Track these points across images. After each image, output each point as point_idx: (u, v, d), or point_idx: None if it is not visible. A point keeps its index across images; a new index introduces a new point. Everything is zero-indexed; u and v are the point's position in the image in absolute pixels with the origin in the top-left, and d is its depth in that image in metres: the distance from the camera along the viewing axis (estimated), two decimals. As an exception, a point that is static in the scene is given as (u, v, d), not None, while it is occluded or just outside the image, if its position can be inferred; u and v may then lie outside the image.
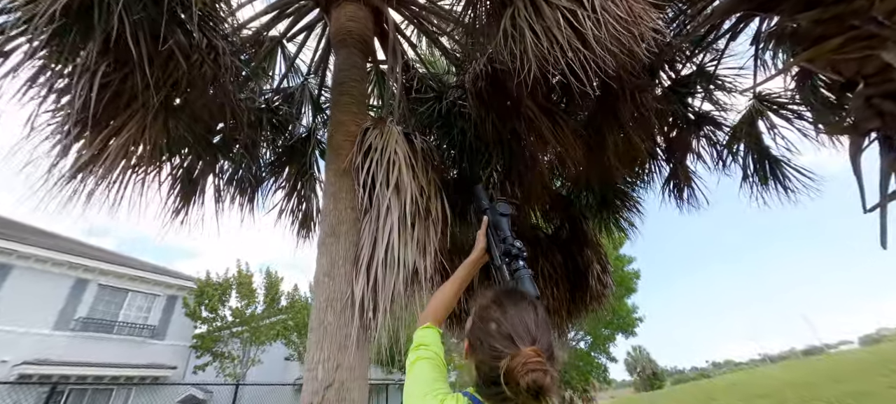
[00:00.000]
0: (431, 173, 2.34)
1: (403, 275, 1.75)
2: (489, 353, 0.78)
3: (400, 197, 1.86)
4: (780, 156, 4.41)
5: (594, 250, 5.50)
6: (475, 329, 0.85)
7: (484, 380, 0.80)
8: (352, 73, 2.57)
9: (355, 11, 2.84)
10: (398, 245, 1.77)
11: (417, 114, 4.00)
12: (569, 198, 5.37)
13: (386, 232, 1.81)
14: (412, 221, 1.91)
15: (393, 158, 1.97)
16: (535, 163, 3.87)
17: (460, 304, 5.78)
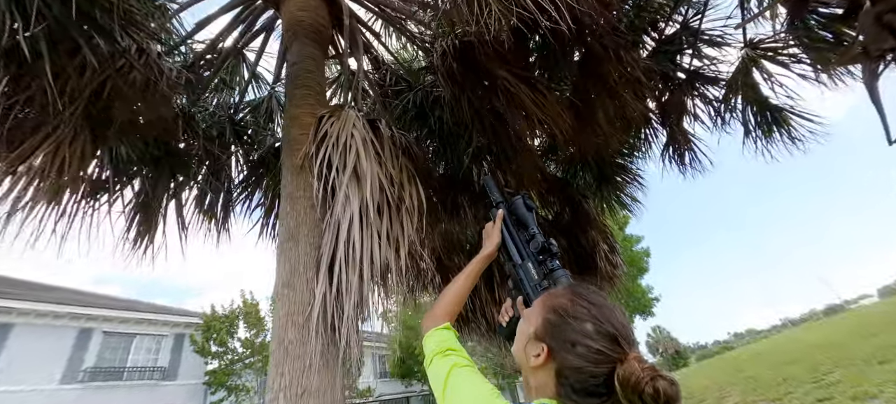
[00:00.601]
0: (403, 160, 2.10)
1: (369, 273, 1.50)
2: (590, 358, 0.68)
3: (360, 185, 1.62)
4: (782, 104, 4.15)
5: (598, 230, 5.23)
6: (558, 330, 0.74)
7: (577, 390, 0.69)
8: (306, 65, 2.34)
9: (306, 1, 2.62)
10: (362, 239, 1.53)
11: (391, 108, 3.77)
12: (565, 179, 5.12)
13: (346, 225, 1.56)
14: (378, 212, 1.66)
15: (349, 143, 1.73)
16: (522, 143, 3.62)
17: (465, 305, 5.53)
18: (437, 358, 0.90)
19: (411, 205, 1.90)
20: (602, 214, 5.64)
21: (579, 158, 4.57)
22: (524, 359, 0.78)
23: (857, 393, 6.65)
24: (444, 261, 5.29)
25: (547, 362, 0.73)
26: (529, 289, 1.01)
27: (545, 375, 0.73)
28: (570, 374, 0.70)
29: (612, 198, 5.42)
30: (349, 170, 1.65)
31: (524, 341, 0.80)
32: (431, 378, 0.88)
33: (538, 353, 0.75)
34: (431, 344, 0.97)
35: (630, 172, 5.22)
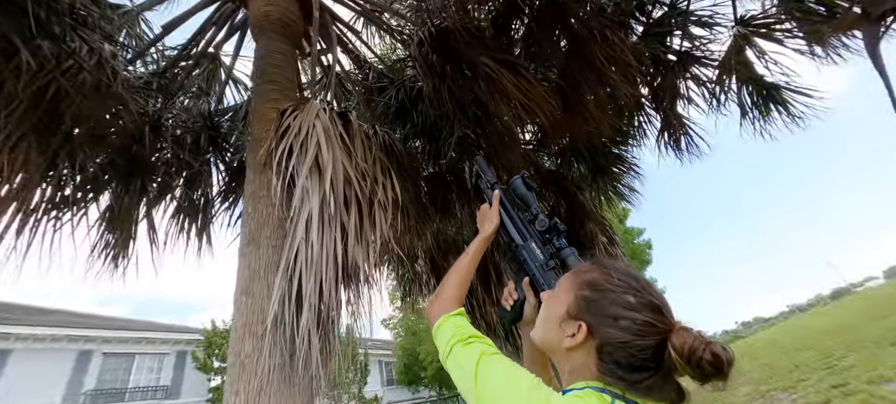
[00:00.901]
0: (377, 153, 1.96)
1: (333, 274, 1.36)
2: (636, 330, 0.65)
3: (321, 178, 1.48)
4: (778, 82, 4.01)
5: (596, 222, 5.09)
6: (596, 305, 0.70)
7: (624, 365, 0.65)
8: (273, 59, 2.22)
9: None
10: (322, 238, 1.38)
11: (374, 106, 3.64)
12: (559, 171, 4.98)
13: (303, 224, 1.42)
14: (346, 207, 1.52)
15: (310, 134, 1.59)
16: (511, 136, 3.49)
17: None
18: (459, 347, 0.78)
19: (385, 200, 1.75)
20: (599, 207, 5.50)
21: (571, 148, 4.43)
22: (555, 342, 0.73)
23: (872, 378, 6.47)
24: (439, 263, 5.15)
25: (586, 340, 0.68)
26: (535, 269, 0.96)
27: (583, 355, 0.69)
28: (615, 350, 0.65)
29: (609, 188, 5.28)
30: (308, 163, 1.50)
31: (554, 323, 0.74)
32: (454, 370, 0.76)
33: (574, 333, 0.70)
34: (446, 332, 0.84)
35: (626, 162, 5.09)
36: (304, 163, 1.51)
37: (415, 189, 3.61)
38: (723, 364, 0.59)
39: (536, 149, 5.02)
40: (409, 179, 3.55)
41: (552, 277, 0.93)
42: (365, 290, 1.61)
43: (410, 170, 3.55)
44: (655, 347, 0.63)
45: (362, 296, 1.58)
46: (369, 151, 1.92)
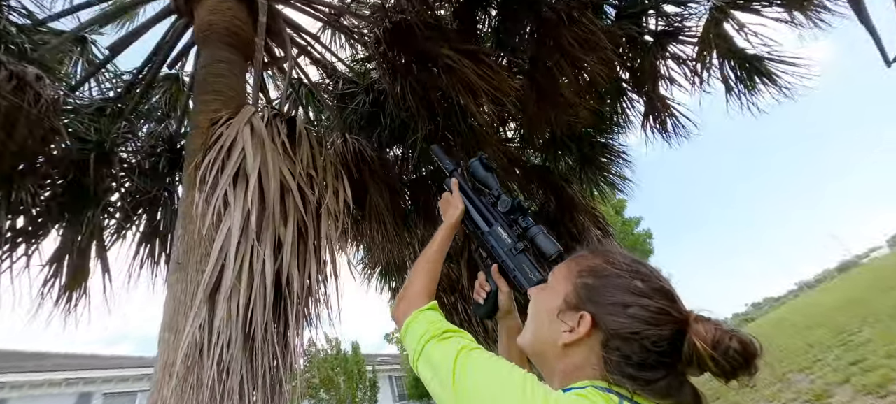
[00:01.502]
0: (327, 156, 1.80)
1: (262, 294, 1.18)
2: (649, 318, 0.55)
3: (247, 190, 1.31)
4: (761, 54, 3.88)
5: (587, 214, 4.93)
6: (600, 293, 0.61)
7: (636, 362, 0.55)
8: (215, 69, 2.07)
9: (217, 4, 2.36)
10: (247, 255, 1.21)
11: (345, 115, 3.50)
12: (544, 166, 4.82)
13: (220, 241, 1.25)
14: (283, 218, 1.35)
15: (237, 141, 1.43)
16: (488, 132, 3.34)
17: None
18: (433, 343, 0.66)
19: (336, 208, 1.59)
20: (591, 199, 5.34)
21: (554, 141, 4.27)
22: (549, 339, 0.64)
23: (890, 352, 6.24)
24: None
25: (589, 334, 0.59)
26: (504, 254, 0.88)
27: (585, 351, 0.59)
28: (624, 343, 0.56)
29: (599, 178, 5.12)
30: (229, 172, 1.34)
31: (548, 316, 0.65)
32: (425, 370, 0.65)
33: (573, 326, 0.60)
34: (417, 330, 0.72)
35: (613, 150, 4.93)
36: (223, 175, 1.35)
37: (392, 196, 3.45)
38: (752, 354, 0.52)
39: (520, 146, 4.88)
40: (384, 187, 3.40)
41: (523, 260, 0.86)
42: (315, 306, 1.44)
43: (385, 176, 3.40)
44: (671, 338, 0.55)
45: (311, 314, 1.41)
46: (317, 157, 1.76)
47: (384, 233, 3.28)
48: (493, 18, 3.00)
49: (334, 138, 3.18)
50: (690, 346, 0.53)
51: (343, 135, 3.28)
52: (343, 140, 3.22)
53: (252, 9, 2.55)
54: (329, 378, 19.14)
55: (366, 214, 3.36)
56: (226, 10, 2.40)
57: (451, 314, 5.28)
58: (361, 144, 3.18)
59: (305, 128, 1.82)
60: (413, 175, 4.56)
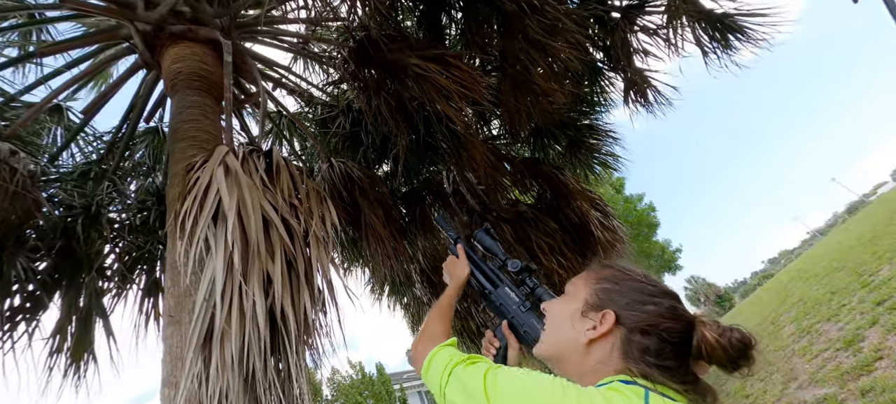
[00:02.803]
0: (310, 184, 1.78)
1: (256, 336, 1.15)
2: (665, 314, 0.63)
3: (227, 230, 1.29)
4: (728, 11, 3.88)
5: (584, 199, 4.89)
6: (619, 293, 0.68)
7: (654, 351, 0.61)
8: (187, 115, 2.08)
9: (181, 51, 2.39)
10: (235, 297, 1.18)
11: (327, 140, 3.51)
12: (534, 158, 4.81)
13: (206, 286, 1.23)
14: (269, 252, 1.33)
15: (212, 182, 1.42)
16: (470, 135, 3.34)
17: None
18: (462, 367, 0.69)
19: (324, 232, 1.57)
20: (586, 182, 5.32)
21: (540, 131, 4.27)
22: (571, 339, 0.68)
23: (912, 286, 6.12)
24: (435, 280, 4.94)
25: (612, 330, 0.65)
26: (513, 311, 0.94)
27: (607, 347, 0.65)
28: (643, 337, 0.62)
29: (591, 160, 5.11)
30: (208, 214, 1.32)
31: (570, 320, 0.70)
32: (457, 393, 0.66)
33: (596, 324, 0.66)
34: (440, 361, 0.74)
35: (599, 131, 4.92)
36: (203, 216, 1.33)
37: (386, 212, 3.44)
38: (750, 344, 0.60)
39: (508, 142, 4.87)
40: (376, 204, 3.39)
41: (531, 317, 0.91)
42: (317, 336, 1.41)
43: (376, 194, 3.40)
44: (683, 332, 0.62)
45: (314, 345, 1.38)
46: (301, 184, 1.75)
47: (383, 250, 3.26)
48: (459, 21, 3.01)
49: (319, 164, 3.18)
50: (701, 339, 0.59)
51: (328, 159, 3.28)
52: (329, 164, 3.22)
53: (217, 50, 2.56)
54: (359, 403, 19.00)
55: (363, 234, 3.34)
56: (190, 56, 2.42)
57: (466, 319, 5.24)
58: (348, 166, 3.18)
59: (283, 159, 1.82)
60: (405, 188, 4.56)
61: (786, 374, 7.61)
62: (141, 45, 2.54)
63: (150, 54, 2.57)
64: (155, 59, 2.56)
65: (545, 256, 4.32)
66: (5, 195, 1.74)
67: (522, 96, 3.00)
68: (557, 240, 4.55)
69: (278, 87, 3.96)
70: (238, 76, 2.83)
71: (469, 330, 5.15)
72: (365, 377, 19.89)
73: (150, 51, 2.56)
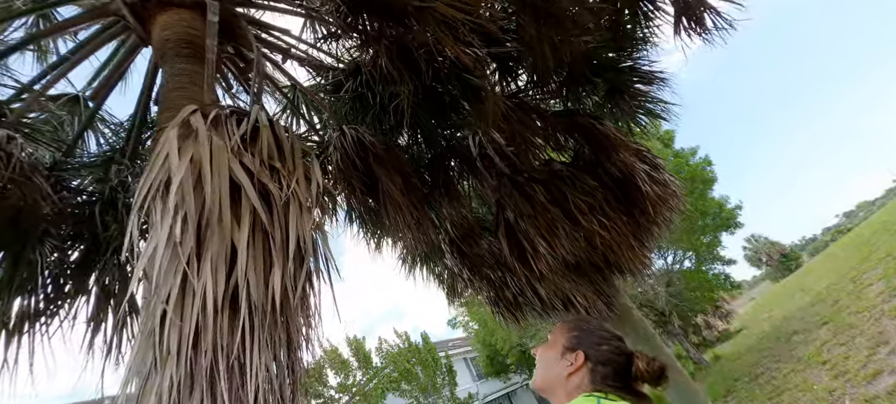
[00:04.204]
0: (292, 142, 1.54)
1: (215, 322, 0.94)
2: (615, 350, 0.99)
3: (167, 198, 1.07)
4: None
5: (628, 151, 4.34)
6: (585, 338, 1.02)
7: (613, 375, 0.96)
8: (174, 82, 1.92)
9: (169, 18, 2.22)
10: (175, 279, 0.97)
11: (337, 106, 3.28)
12: (567, 110, 4.30)
13: (142, 264, 1.03)
14: (235, 220, 1.12)
15: (163, 148, 1.22)
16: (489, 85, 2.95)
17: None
18: None
19: (308, 195, 1.34)
20: (629, 135, 4.73)
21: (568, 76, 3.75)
22: (557, 373, 1.01)
23: None
24: (466, 251, 4.71)
25: (584, 364, 0.98)
26: None
27: (581, 376, 0.97)
28: (603, 368, 0.97)
29: (635, 109, 4.49)
30: (154, 185, 1.11)
31: (555, 360, 1.03)
32: None
33: (573, 361, 0.99)
34: None
35: (644, 73, 4.27)
36: (148, 184, 1.13)
37: (404, 180, 3.20)
38: (665, 371, 0.97)
39: (539, 96, 4.38)
40: (394, 171, 3.16)
41: None
42: (302, 310, 1.21)
43: (392, 161, 3.16)
44: (627, 363, 0.99)
45: (295, 325, 1.18)
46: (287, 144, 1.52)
47: (403, 220, 3.05)
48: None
49: (330, 133, 2.98)
50: (636, 368, 0.97)
51: (340, 127, 3.06)
52: (340, 132, 3.00)
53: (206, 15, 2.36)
54: (407, 370, 19.89)
55: (381, 204, 3.14)
56: (178, 23, 2.25)
57: (502, 289, 5.01)
58: (359, 132, 2.95)
59: (268, 120, 1.60)
60: (429, 155, 4.28)
61: (873, 338, 6.70)
62: (130, 17, 2.40)
63: (141, 26, 2.43)
64: (146, 30, 2.42)
65: (584, 217, 3.91)
66: (11, 181, 1.69)
67: (547, 29, 2.55)
68: (598, 198, 4.10)
69: (288, 59, 3.77)
70: (236, 43, 2.64)
71: (505, 299, 4.92)
72: (411, 345, 20.69)
73: (140, 22, 2.41)
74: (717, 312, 20.17)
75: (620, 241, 4.12)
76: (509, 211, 4.03)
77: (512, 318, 5.04)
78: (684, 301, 15.30)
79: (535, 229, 3.85)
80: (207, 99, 1.75)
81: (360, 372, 18.97)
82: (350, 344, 19.53)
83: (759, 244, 42.14)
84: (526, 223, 4.00)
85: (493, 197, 4.61)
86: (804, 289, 16.18)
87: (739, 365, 12.12)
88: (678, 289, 14.96)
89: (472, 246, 4.72)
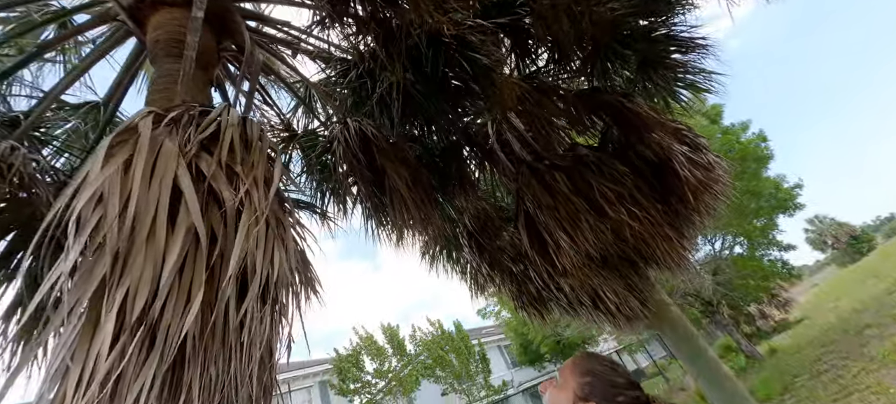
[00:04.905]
0: (256, 144, 1.40)
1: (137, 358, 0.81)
2: (632, 399, 0.92)
3: (75, 212, 0.92)
4: None
5: (664, 130, 3.90)
6: (598, 388, 0.94)
7: None
8: (160, 83, 1.85)
9: (161, 18, 2.16)
10: (78, 308, 0.82)
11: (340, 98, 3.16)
12: (593, 88, 3.91)
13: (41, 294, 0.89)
14: (150, 238, 0.97)
15: (92, 159, 1.09)
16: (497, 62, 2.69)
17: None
18: None
19: (261, 201, 1.18)
20: (667, 112, 4.25)
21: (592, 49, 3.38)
22: None
23: None
24: (484, 243, 4.49)
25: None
26: None
27: None
28: None
29: (673, 83, 4.00)
30: (77, 199, 0.99)
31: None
32: None
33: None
34: None
35: (683, 41, 3.77)
36: (77, 201, 1.01)
37: (411, 173, 3.04)
38: None
39: (558, 71, 4.02)
40: (399, 163, 3.00)
41: None
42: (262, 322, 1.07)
43: (397, 152, 3.00)
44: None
45: (248, 358, 1.04)
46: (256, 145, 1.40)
47: (410, 215, 2.90)
48: None
49: (332, 128, 2.86)
50: None
51: (343, 119, 2.94)
52: (343, 124, 2.88)
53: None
54: (440, 356, 20.17)
55: (388, 199, 3.01)
56: (169, 22, 2.19)
57: (524, 283, 4.77)
58: (362, 124, 2.81)
59: (239, 118, 1.48)
60: (442, 144, 4.08)
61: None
62: (128, 19, 2.38)
63: (139, 28, 2.41)
64: (143, 31, 2.39)
65: (612, 207, 3.56)
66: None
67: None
68: (628, 185, 3.72)
69: (298, 53, 3.69)
70: (229, 39, 2.57)
71: (528, 293, 4.68)
72: (444, 333, 20.92)
73: (138, 24, 2.39)
74: (774, 301, 18.50)
75: (654, 233, 3.73)
76: (528, 201, 3.76)
77: (536, 313, 4.79)
78: (734, 289, 14.13)
79: (555, 221, 3.57)
80: (180, 98, 1.66)
81: (394, 359, 19.48)
82: (384, 331, 20.05)
83: (824, 226, 38.16)
84: (545, 215, 3.71)
85: (512, 186, 4.35)
86: (878, 276, 14.44)
87: (799, 359, 11.06)
88: (728, 277, 13.82)
89: (492, 238, 4.50)
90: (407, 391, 18.21)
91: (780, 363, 12.13)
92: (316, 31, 2.35)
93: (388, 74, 2.50)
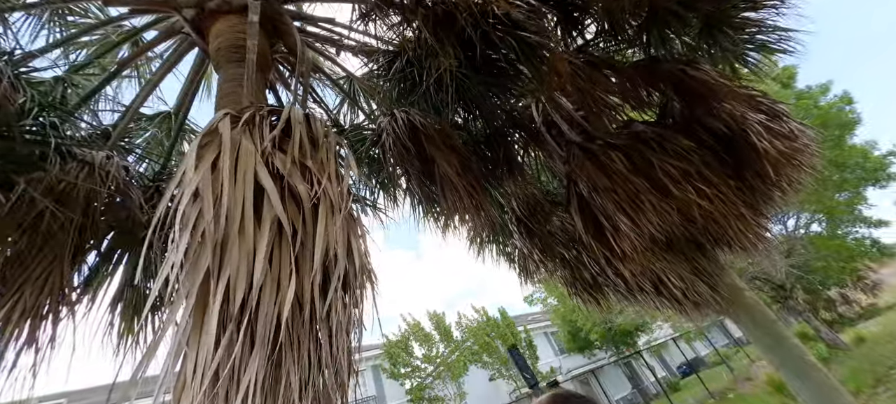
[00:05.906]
0: (325, 140, 1.44)
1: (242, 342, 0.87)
2: None
3: (180, 207, 1.01)
4: None
5: (737, 98, 3.52)
6: None
7: None
8: (227, 88, 1.96)
9: (221, 26, 2.29)
10: (189, 296, 0.90)
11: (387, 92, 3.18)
12: (650, 57, 3.61)
13: (156, 289, 0.97)
14: (241, 234, 1.02)
15: (185, 161, 1.16)
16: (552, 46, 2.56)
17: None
18: None
19: (336, 195, 1.22)
20: (736, 78, 3.84)
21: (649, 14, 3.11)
22: None
23: None
24: (534, 228, 4.38)
25: None
26: None
27: None
28: None
29: (741, 45, 3.60)
30: (180, 201, 1.07)
31: None
32: None
33: None
34: None
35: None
36: (179, 201, 1.09)
37: (460, 161, 3.01)
38: None
39: (610, 43, 3.75)
40: (449, 151, 2.98)
41: None
42: (323, 318, 1.10)
43: (445, 140, 2.98)
44: None
45: (337, 338, 1.09)
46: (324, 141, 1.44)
47: (461, 202, 2.88)
48: None
49: (379, 121, 2.90)
50: None
51: (390, 111, 2.97)
52: (391, 116, 2.90)
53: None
54: (487, 343, 20.32)
55: (438, 187, 3.01)
56: (228, 29, 2.30)
57: (578, 269, 4.60)
58: (410, 114, 2.81)
59: (304, 115, 1.53)
60: (487, 130, 4.00)
61: None
62: (192, 32, 2.54)
63: (202, 39, 2.56)
64: (206, 41, 2.54)
65: (677, 185, 3.30)
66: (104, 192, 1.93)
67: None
68: (695, 161, 3.42)
69: (342, 50, 3.76)
70: (281, 41, 2.66)
71: (583, 279, 4.51)
72: (490, 320, 20.99)
73: (201, 35, 2.54)
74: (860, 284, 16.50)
75: (726, 211, 3.42)
76: (581, 184, 3.59)
77: (591, 300, 4.62)
78: (811, 272, 12.74)
79: (614, 204, 3.37)
80: (246, 100, 1.74)
81: (441, 345, 19.90)
82: (431, 318, 20.49)
83: (925, 197, 33.02)
84: (602, 197, 3.52)
85: (562, 169, 4.18)
86: None
87: (894, 349, 9.83)
88: (804, 258, 12.48)
89: (542, 223, 4.38)
90: (455, 376, 18.56)
91: (870, 352, 10.83)
92: (359, 26, 2.36)
93: (434, 61, 2.47)
